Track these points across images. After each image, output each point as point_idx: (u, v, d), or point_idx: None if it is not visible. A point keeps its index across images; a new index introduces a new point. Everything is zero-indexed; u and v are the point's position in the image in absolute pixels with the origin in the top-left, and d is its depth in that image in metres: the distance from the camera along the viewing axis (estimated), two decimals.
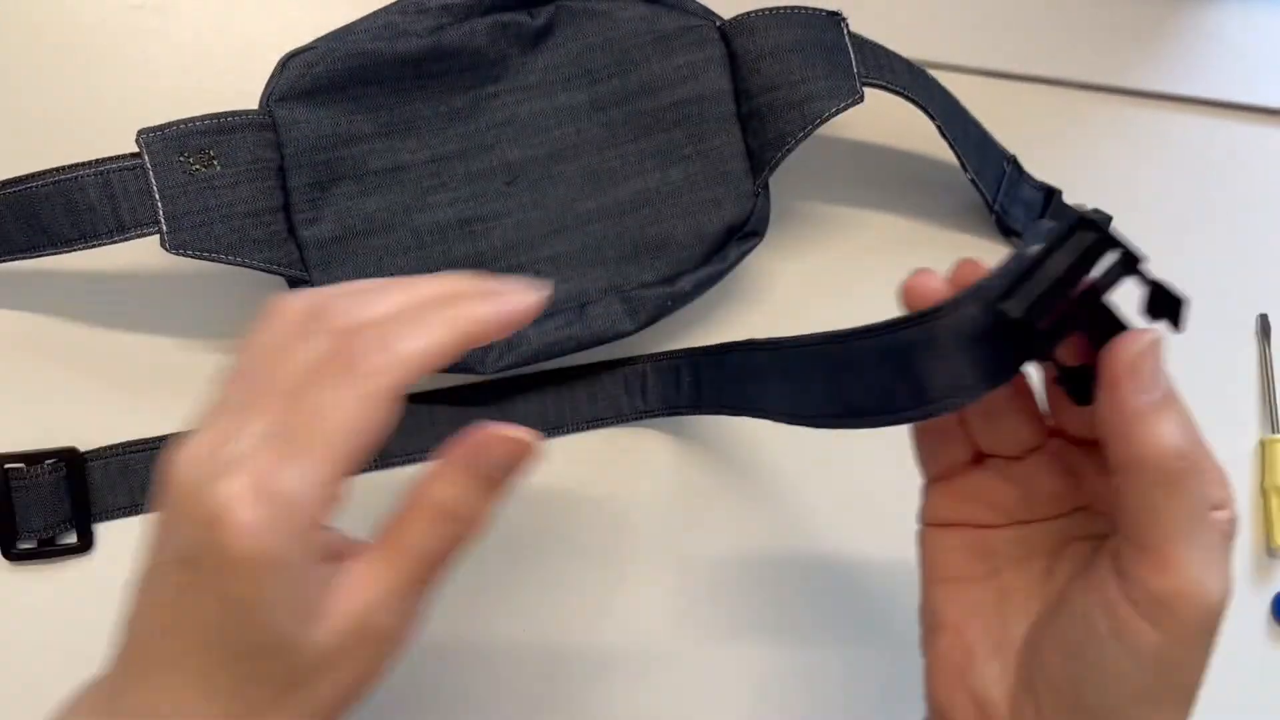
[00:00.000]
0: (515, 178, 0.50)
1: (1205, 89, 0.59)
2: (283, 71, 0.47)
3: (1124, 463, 0.29)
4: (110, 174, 0.44)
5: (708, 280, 0.50)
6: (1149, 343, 0.29)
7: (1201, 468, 0.29)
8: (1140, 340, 0.29)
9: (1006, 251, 0.56)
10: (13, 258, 0.47)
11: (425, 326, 0.30)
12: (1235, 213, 0.59)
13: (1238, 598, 0.55)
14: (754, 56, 0.49)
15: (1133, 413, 0.29)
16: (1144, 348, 0.29)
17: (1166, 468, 0.29)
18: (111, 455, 0.49)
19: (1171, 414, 0.29)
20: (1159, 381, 0.29)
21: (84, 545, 0.49)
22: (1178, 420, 0.29)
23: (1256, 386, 0.57)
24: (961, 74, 0.57)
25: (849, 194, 0.56)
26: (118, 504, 0.49)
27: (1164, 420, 0.29)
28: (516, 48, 0.49)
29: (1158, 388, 0.29)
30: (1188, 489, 0.29)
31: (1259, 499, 0.56)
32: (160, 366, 0.50)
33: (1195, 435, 0.29)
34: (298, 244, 0.47)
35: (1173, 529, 0.29)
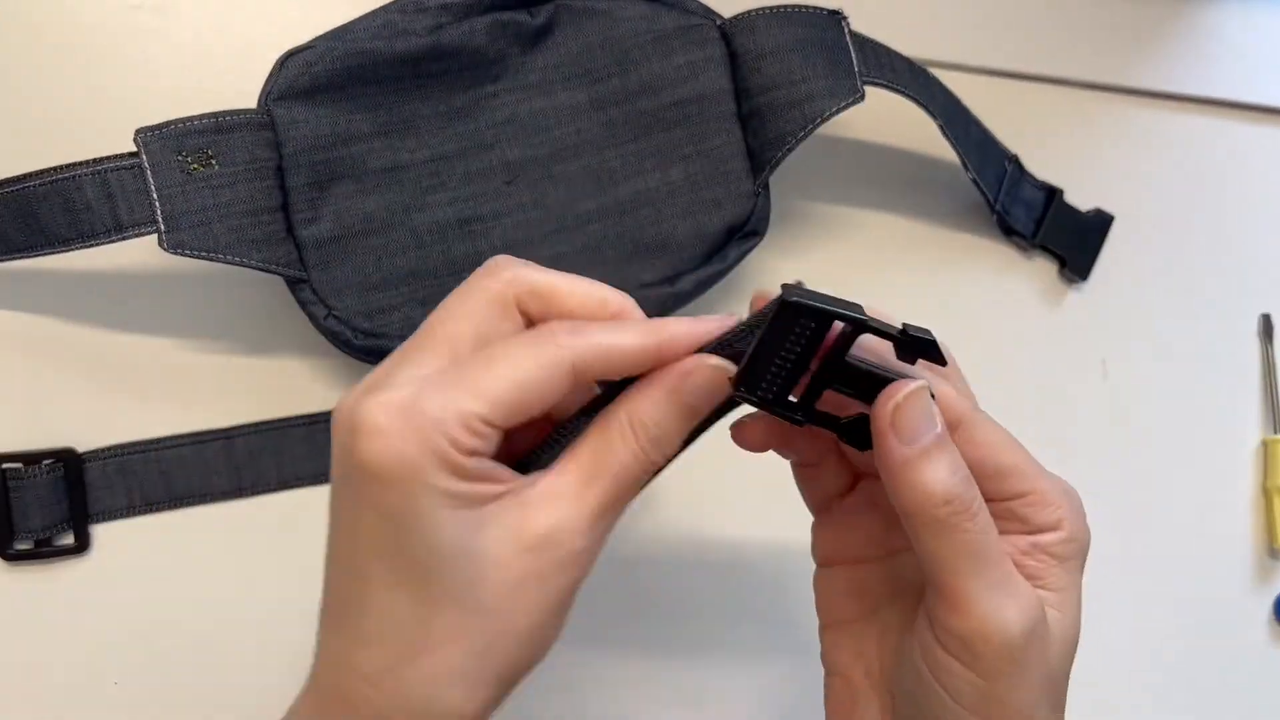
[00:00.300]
0: (515, 177, 0.49)
1: (1206, 88, 0.59)
2: (281, 71, 0.47)
3: (900, 509, 0.31)
4: (108, 173, 0.44)
5: (708, 280, 0.50)
6: (905, 395, 0.30)
7: (973, 511, 0.30)
8: (896, 394, 0.30)
9: (1007, 251, 0.57)
10: (10, 257, 0.46)
11: (620, 326, 0.31)
12: (1236, 212, 0.59)
13: (1239, 598, 0.55)
14: (754, 56, 0.49)
15: (897, 463, 0.30)
16: (900, 400, 0.30)
17: (934, 514, 0.30)
18: (109, 456, 0.49)
19: (938, 460, 0.30)
20: (922, 430, 0.30)
21: (80, 546, 0.48)
22: (947, 465, 0.30)
23: (1258, 386, 0.57)
24: (963, 73, 0.56)
25: (849, 194, 0.56)
26: (115, 505, 0.49)
27: (927, 469, 0.30)
28: (516, 47, 0.49)
29: (920, 437, 0.30)
30: (961, 531, 0.30)
31: (1260, 499, 0.56)
32: (158, 366, 0.50)
33: (964, 478, 0.30)
34: (296, 244, 0.47)
35: (953, 570, 0.30)
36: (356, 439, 0.28)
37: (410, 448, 0.28)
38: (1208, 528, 0.55)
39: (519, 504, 0.29)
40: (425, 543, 0.28)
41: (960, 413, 0.32)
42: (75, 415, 0.50)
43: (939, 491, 0.29)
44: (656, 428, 0.31)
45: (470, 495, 0.29)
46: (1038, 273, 0.57)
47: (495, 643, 0.29)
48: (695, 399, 0.31)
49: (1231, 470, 0.56)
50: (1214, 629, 0.54)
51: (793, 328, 0.30)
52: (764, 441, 0.35)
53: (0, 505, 0.47)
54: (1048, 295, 0.57)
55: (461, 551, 0.28)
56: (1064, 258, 0.56)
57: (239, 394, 0.51)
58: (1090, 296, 0.57)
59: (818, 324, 0.30)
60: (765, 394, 0.31)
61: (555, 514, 0.30)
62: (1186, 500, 0.55)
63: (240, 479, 0.50)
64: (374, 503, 0.28)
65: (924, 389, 0.30)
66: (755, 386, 0.31)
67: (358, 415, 0.28)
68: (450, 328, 0.30)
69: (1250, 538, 0.56)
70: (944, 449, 0.30)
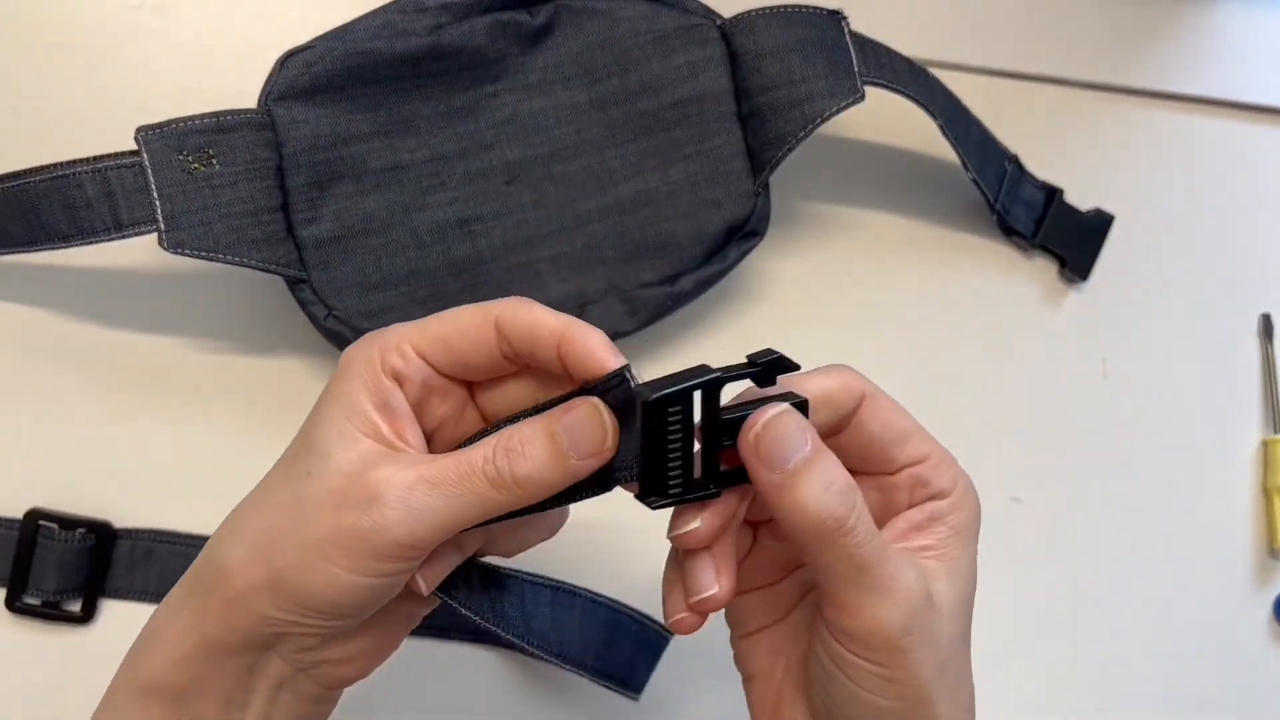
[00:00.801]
0: (515, 177, 0.49)
1: (1205, 89, 0.59)
2: (281, 70, 0.47)
3: (784, 530, 0.32)
4: (108, 171, 0.44)
5: (708, 280, 0.50)
6: (762, 423, 0.32)
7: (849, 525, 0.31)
8: (754, 424, 0.32)
9: (1007, 251, 0.57)
10: (10, 252, 0.47)
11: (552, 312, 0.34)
12: (1236, 212, 0.59)
13: (1239, 598, 0.55)
14: (754, 55, 0.49)
15: (771, 489, 0.32)
16: (758, 430, 0.32)
17: (809, 531, 0.31)
18: (141, 538, 0.49)
19: (808, 480, 0.31)
20: (788, 451, 0.31)
21: (85, 617, 0.48)
22: (818, 484, 0.31)
23: (1258, 386, 0.57)
24: (963, 72, 0.56)
25: (849, 194, 0.56)
26: (132, 587, 0.49)
27: (799, 491, 0.31)
28: (516, 47, 0.49)
29: (787, 459, 0.31)
30: (839, 545, 0.31)
31: (1260, 499, 0.56)
32: (158, 366, 0.50)
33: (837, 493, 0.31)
34: (296, 243, 0.47)
35: (837, 579, 0.32)
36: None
37: (356, 348, 0.34)
38: (1208, 528, 0.55)
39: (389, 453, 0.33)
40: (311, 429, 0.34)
41: (863, 389, 0.35)
42: (75, 415, 0.50)
43: (813, 512, 0.31)
44: (521, 445, 0.32)
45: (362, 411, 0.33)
46: (1038, 273, 0.57)
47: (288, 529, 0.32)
48: (569, 434, 0.32)
49: (1231, 470, 0.56)
50: (1214, 629, 0.54)
51: (664, 421, 0.31)
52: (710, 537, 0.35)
53: (23, 558, 0.48)
54: (1048, 295, 0.57)
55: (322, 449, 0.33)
56: (1064, 258, 0.56)
57: (239, 394, 0.51)
58: (1090, 296, 0.57)
59: (681, 404, 0.31)
60: (675, 489, 0.32)
61: (393, 464, 0.32)
62: (1186, 500, 0.55)
63: None
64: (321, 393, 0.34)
65: (782, 414, 0.32)
66: (664, 489, 0.32)
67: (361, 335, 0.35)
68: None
69: (1250, 538, 0.55)
70: (813, 468, 0.31)
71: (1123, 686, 0.53)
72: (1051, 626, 0.53)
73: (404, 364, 0.34)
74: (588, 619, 0.44)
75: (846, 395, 0.34)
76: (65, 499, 0.49)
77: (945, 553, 0.34)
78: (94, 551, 0.48)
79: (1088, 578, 0.54)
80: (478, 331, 0.34)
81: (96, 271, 0.51)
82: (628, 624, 0.46)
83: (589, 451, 0.32)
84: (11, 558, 0.48)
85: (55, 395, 0.50)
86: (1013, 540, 0.54)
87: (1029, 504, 0.54)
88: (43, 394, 0.50)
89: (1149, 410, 0.56)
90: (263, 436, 0.49)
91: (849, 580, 0.32)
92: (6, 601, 0.48)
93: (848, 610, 0.32)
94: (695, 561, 0.34)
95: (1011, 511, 0.54)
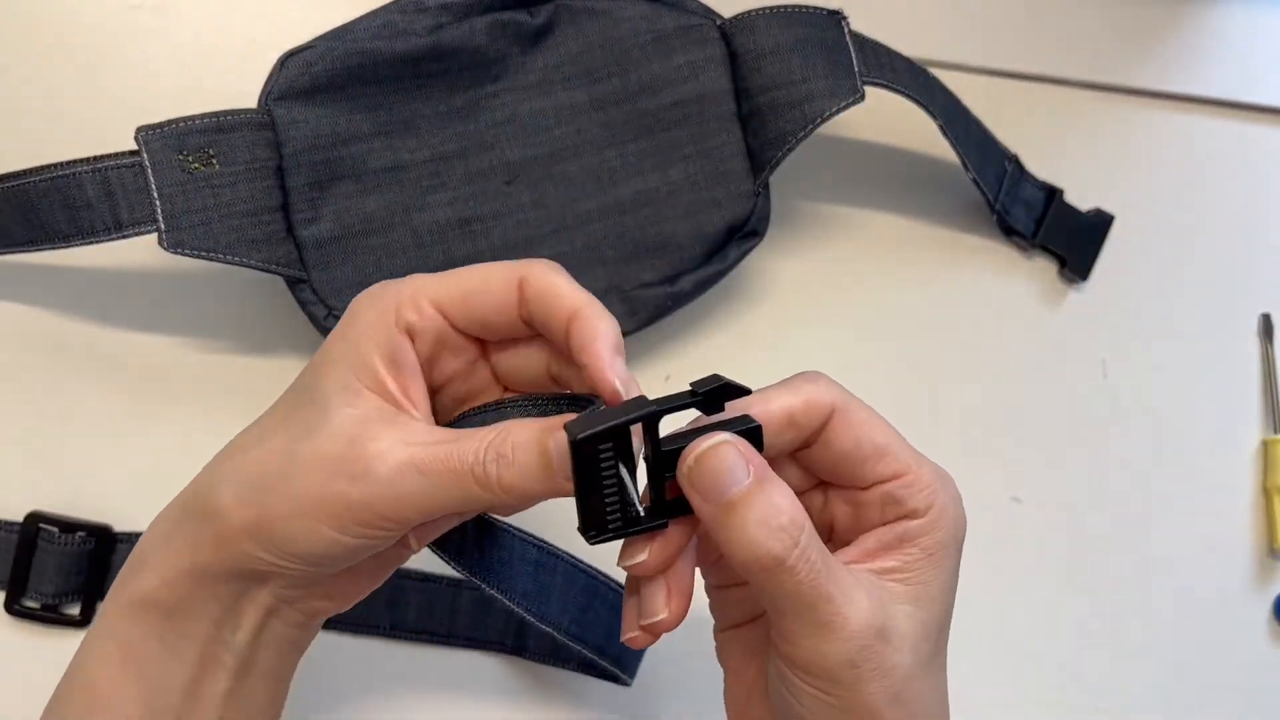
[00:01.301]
0: (515, 177, 0.49)
1: (1205, 89, 0.59)
2: (281, 70, 0.47)
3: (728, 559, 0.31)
4: (108, 171, 0.44)
5: (708, 280, 0.50)
6: (694, 457, 0.31)
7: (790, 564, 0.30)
8: (688, 458, 0.31)
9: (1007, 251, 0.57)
10: (10, 251, 0.47)
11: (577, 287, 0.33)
12: (1236, 213, 0.59)
13: (1239, 598, 0.55)
14: (754, 56, 0.49)
15: (709, 521, 0.31)
16: (690, 464, 0.31)
17: (747, 566, 0.30)
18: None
19: (744, 515, 0.30)
20: (724, 484, 0.30)
21: (84, 621, 0.48)
22: (754, 518, 0.30)
23: (1258, 386, 0.57)
24: (963, 72, 0.56)
25: (849, 194, 0.56)
26: None
27: (733, 525, 0.30)
28: (516, 47, 0.49)
29: (724, 492, 0.30)
30: (779, 582, 0.30)
31: (1261, 500, 0.56)
32: (158, 366, 0.50)
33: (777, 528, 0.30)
34: (296, 244, 0.47)
35: (779, 611, 0.31)
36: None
37: (368, 298, 0.34)
38: (1208, 528, 0.55)
39: (390, 414, 0.32)
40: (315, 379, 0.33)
41: (833, 400, 0.33)
42: (75, 417, 0.50)
43: (749, 550, 0.30)
44: (513, 450, 0.32)
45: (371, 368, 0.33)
46: (1038, 273, 0.57)
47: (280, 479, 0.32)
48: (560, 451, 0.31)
49: (1231, 470, 0.56)
50: (1214, 629, 0.54)
51: (594, 458, 0.31)
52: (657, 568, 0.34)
53: (23, 561, 0.47)
54: (1048, 295, 0.57)
55: (323, 400, 0.32)
56: (1064, 258, 0.56)
57: (239, 394, 0.50)
58: (1090, 296, 0.57)
59: (613, 440, 0.31)
60: (614, 524, 0.32)
61: (389, 437, 0.32)
62: (1186, 500, 0.55)
63: None
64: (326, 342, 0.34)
65: (718, 445, 0.31)
66: (603, 525, 0.31)
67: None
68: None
69: (1250, 538, 0.55)
70: (751, 502, 0.30)
71: (1122, 686, 0.53)
72: (1051, 626, 0.53)
73: (418, 318, 0.33)
74: (568, 583, 0.44)
75: (812, 412, 0.33)
76: (65, 502, 0.49)
77: (913, 576, 0.33)
78: (94, 555, 0.48)
79: (1087, 578, 0.54)
80: (501, 292, 0.33)
81: (96, 271, 0.51)
82: (605, 593, 0.46)
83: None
84: (11, 561, 0.47)
85: (55, 396, 0.50)
86: (1013, 540, 0.54)
87: (1029, 504, 0.54)
88: (42, 395, 0.50)
89: (1149, 410, 0.56)
90: None
91: (791, 614, 0.31)
92: (6, 605, 0.48)
93: (791, 640, 0.31)
94: (649, 585, 0.33)
95: (1011, 511, 0.54)
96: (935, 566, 0.33)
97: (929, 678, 0.33)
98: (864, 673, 0.31)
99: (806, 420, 0.33)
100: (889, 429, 0.34)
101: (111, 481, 0.49)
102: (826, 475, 0.35)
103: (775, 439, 0.33)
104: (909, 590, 0.33)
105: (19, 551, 0.47)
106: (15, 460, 0.49)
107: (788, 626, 0.31)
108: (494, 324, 0.34)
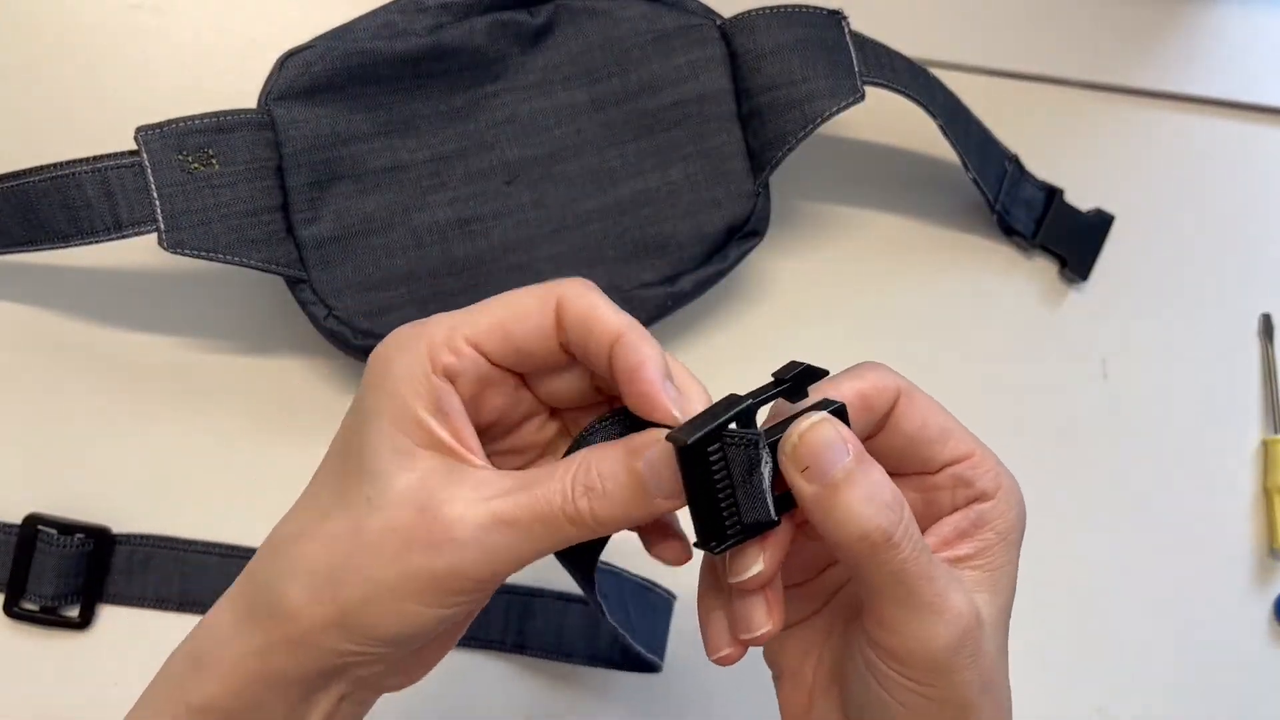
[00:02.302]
0: (515, 177, 0.49)
1: (1205, 89, 0.59)
2: (281, 70, 0.47)
3: (828, 543, 0.30)
4: (108, 171, 0.44)
5: (708, 280, 0.50)
6: (798, 436, 0.30)
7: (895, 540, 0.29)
8: (791, 438, 0.30)
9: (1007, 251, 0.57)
10: (10, 251, 0.46)
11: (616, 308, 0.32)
12: (1236, 213, 0.59)
13: (1239, 598, 0.55)
14: (755, 55, 0.49)
15: (812, 503, 0.30)
16: (794, 443, 0.30)
17: (853, 546, 0.29)
18: (139, 544, 0.49)
19: (850, 494, 0.29)
20: (826, 463, 0.29)
21: (83, 623, 0.48)
22: (861, 496, 0.29)
23: (1258, 386, 0.57)
24: (963, 72, 0.56)
25: (849, 194, 0.56)
26: (130, 592, 0.49)
27: (841, 505, 0.29)
28: (516, 47, 0.49)
29: (827, 472, 0.29)
30: (884, 562, 0.29)
31: (1261, 499, 0.56)
32: (158, 366, 0.50)
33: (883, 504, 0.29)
34: (296, 243, 0.47)
35: (882, 596, 0.30)
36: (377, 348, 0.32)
37: (396, 343, 0.31)
38: (1208, 528, 0.55)
39: (451, 468, 0.30)
40: (362, 444, 0.31)
41: (898, 387, 0.33)
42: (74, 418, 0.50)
43: (857, 527, 0.29)
44: (601, 480, 0.30)
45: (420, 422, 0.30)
46: (1038, 273, 0.57)
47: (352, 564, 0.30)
48: (653, 469, 0.30)
49: (1231, 470, 0.56)
50: (1214, 629, 0.54)
51: (706, 462, 0.29)
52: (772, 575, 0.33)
53: (21, 563, 0.47)
54: (1048, 295, 0.57)
55: (380, 472, 0.30)
56: (1064, 258, 0.56)
57: (239, 394, 0.51)
58: (1090, 296, 0.57)
59: (719, 441, 0.30)
60: (733, 529, 0.30)
61: (462, 496, 0.30)
62: (1186, 500, 0.55)
63: None
64: (357, 399, 0.32)
65: (819, 423, 0.30)
66: (721, 532, 0.30)
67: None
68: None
69: (1250, 538, 0.55)
70: (855, 480, 0.29)
71: (1123, 686, 0.53)
72: (1051, 626, 0.53)
73: (456, 360, 0.31)
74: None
75: (881, 396, 0.32)
76: (64, 503, 0.49)
77: (989, 561, 0.32)
78: (92, 557, 0.48)
79: (1087, 577, 0.54)
80: (539, 316, 0.31)
81: (96, 271, 0.51)
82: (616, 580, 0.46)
83: (674, 490, 0.30)
84: (10, 563, 0.47)
85: (54, 396, 0.50)
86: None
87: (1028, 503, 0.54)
88: (42, 396, 0.50)
89: (1149, 410, 0.56)
90: (263, 438, 0.50)
91: (895, 598, 0.30)
92: (4, 607, 0.48)
93: (892, 628, 0.30)
94: (750, 598, 0.32)
95: None
96: (1008, 550, 0.33)
97: (1004, 664, 0.33)
98: (964, 659, 0.30)
99: (877, 402, 0.32)
100: (948, 414, 0.34)
101: (110, 483, 0.49)
102: (895, 463, 0.33)
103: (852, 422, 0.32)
104: (986, 577, 0.32)
105: (18, 553, 0.47)
106: (14, 461, 0.49)
107: (888, 612, 0.30)
108: (534, 354, 0.32)
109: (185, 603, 0.49)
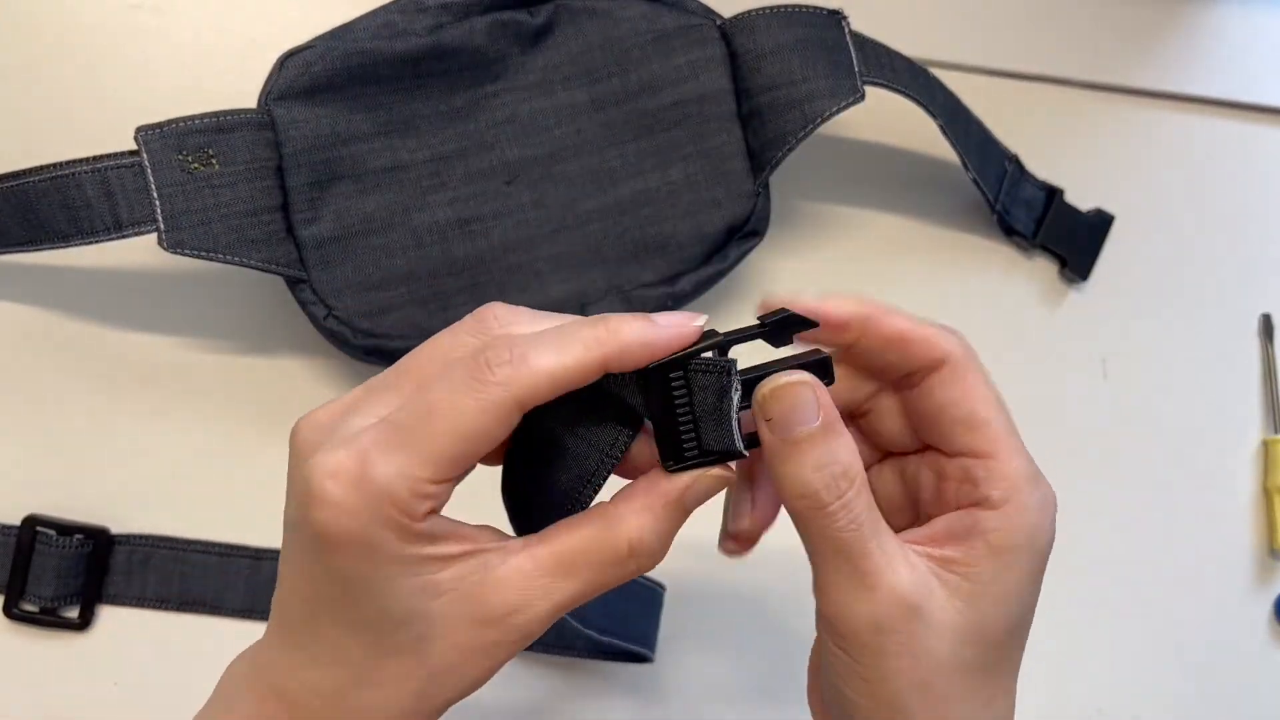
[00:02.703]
0: (515, 177, 0.49)
1: (1205, 89, 0.59)
2: (281, 70, 0.47)
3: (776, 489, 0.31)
4: (108, 171, 0.44)
5: (708, 280, 0.50)
6: (770, 389, 0.31)
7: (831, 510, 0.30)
8: (763, 388, 0.31)
9: (1007, 251, 0.57)
10: (10, 251, 0.46)
11: (563, 343, 0.29)
12: (1236, 212, 0.59)
13: (1239, 598, 0.55)
14: (755, 55, 0.49)
15: (767, 450, 0.31)
16: (765, 393, 0.31)
17: (795, 505, 0.31)
18: (139, 544, 0.49)
19: (804, 454, 0.30)
20: (793, 422, 0.30)
21: (83, 623, 0.48)
22: (812, 461, 0.30)
23: (1258, 386, 0.57)
24: (963, 72, 0.56)
25: (849, 194, 0.56)
26: (130, 593, 0.49)
27: (791, 461, 0.30)
28: (516, 47, 0.49)
29: (791, 429, 0.30)
30: (818, 526, 0.30)
31: (1261, 499, 0.56)
32: (158, 366, 0.50)
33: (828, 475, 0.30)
34: (296, 243, 0.47)
35: (817, 556, 0.31)
36: (311, 508, 0.28)
37: (360, 521, 0.28)
38: (1208, 528, 0.55)
39: (481, 574, 0.30)
40: (376, 605, 0.29)
41: (948, 352, 0.32)
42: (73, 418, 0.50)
43: (792, 485, 0.30)
44: (657, 541, 0.31)
45: (426, 558, 0.29)
46: (1038, 273, 0.57)
47: (439, 687, 0.30)
48: (695, 504, 0.31)
49: (1231, 470, 0.56)
50: (1214, 629, 0.54)
51: (667, 385, 0.31)
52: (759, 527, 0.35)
53: (20, 564, 0.47)
54: (1048, 295, 0.57)
55: (414, 614, 0.29)
56: (1064, 258, 0.56)
57: (239, 394, 0.51)
58: (1090, 296, 0.57)
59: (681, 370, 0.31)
60: (692, 453, 0.31)
61: (517, 598, 0.30)
62: (1186, 500, 0.55)
63: (254, 601, 0.49)
64: (326, 564, 0.29)
65: (796, 383, 0.30)
66: (679, 455, 0.31)
67: (313, 479, 0.28)
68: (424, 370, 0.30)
69: (1250, 538, 0.55)
70: (813, 444, 0.30)
71: (1123, 686, 0.53)
72: (1051, 626, 0.53)
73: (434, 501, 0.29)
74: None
75: (923, 346, 0.32)
76: (63, 504, 0.49)
77: (973, 573, 0.31)
78: (91, 558, 0.48)
79: (1087, 577, 0.54)
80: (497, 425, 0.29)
81: (96, 271, 0.51)
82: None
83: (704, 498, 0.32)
84: (9, 565, 0.47)
85: (53, 397, 0.50)
86: None
87: None
88: (41, 396, 0.50)
89: (1149, 410, 0.56)
90: (262, 439, 0.50)
91: (832, 564, 0.30)
92: (4, 608, 0.48)
93: (824, 591, 0.31)
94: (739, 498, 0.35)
95: None
96: (1001, 569, 0.31)
97: (973, 685, 0.31)
98: (888, 642, 0.30)
99: (919, 350, 0.32)
100: (1000, 412, 0.33)
101: (110, 485, 0.49)
102: (921, 428, 0.34)
103: (879, 354, 0.33)
104: (966, 586, 0.31)
105: (17, 554, 0.47)
106: (13, 462, 0.49)
107: (822, 576, 0.31)
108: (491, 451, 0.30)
109: (185, 603, 0.49)
